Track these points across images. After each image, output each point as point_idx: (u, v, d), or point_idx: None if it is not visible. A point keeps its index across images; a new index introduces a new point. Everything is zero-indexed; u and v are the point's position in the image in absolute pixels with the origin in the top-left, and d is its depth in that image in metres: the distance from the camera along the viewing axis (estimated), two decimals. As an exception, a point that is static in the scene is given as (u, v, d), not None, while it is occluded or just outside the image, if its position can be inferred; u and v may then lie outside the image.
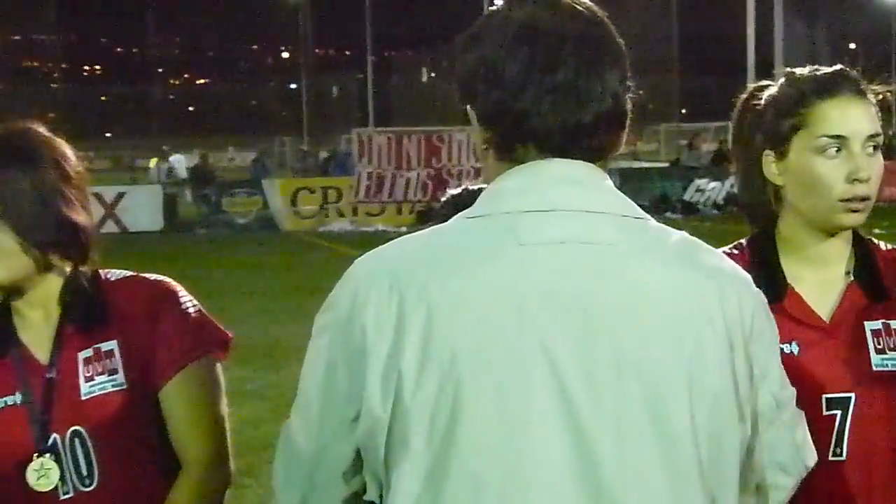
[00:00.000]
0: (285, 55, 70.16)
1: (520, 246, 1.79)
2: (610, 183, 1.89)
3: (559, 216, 1.81)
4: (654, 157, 53.06)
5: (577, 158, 1.86)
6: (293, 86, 64.23)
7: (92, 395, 2.57)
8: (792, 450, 2.01)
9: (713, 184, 30.25)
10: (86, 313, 2.61)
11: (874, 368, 2.52)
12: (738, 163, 2.78)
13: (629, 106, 1.92)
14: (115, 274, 2.71)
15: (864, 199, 2.52)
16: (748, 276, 1.94)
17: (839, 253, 2.62)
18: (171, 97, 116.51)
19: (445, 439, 1.74)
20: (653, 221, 1.89)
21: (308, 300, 2.53)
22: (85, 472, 2.56)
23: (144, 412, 2.61)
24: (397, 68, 65.75)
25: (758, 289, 1.95)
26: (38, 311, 2.62)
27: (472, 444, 1.73)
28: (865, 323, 2.56)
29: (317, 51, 63.10)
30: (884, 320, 2.56)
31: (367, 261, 1.87)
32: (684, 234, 1.90)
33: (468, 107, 1.92)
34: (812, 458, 2.07)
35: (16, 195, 2.51)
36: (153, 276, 2.74)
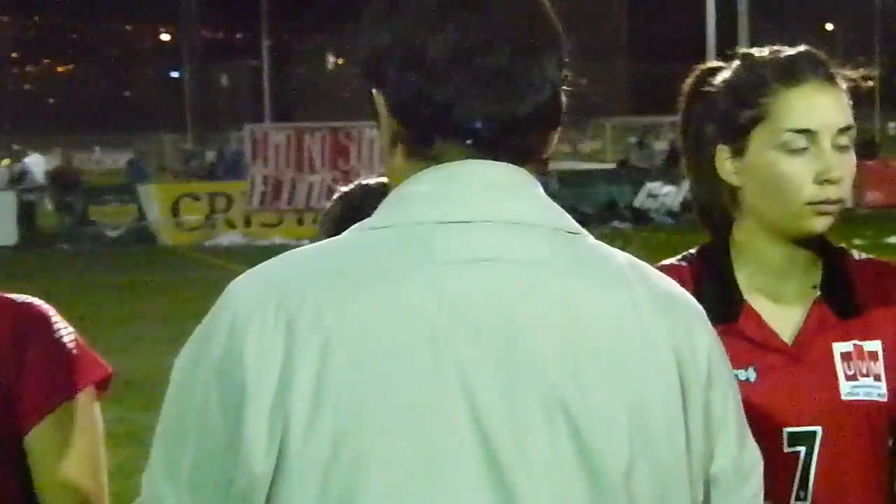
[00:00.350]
0: (165, 37, 69.66)
1: (433, 264, 1.71)
2: (541, 191, 1.83)
3: (481, 229, 1.74)
4: (600, 157, 53.52)
5: (503, 160, 1.79)
6: (175, 74, 63.93)
7: None
8: None
9: (667, 188, 30.54)
10: None
11: (844, 398, 2.52)
12: (688, 159, 2.79)
13: (565, 99, 1.86)
14: None
15: (835, 201, 2.52)
16: (702, 310, 1.88)
17: (805, 264, 2.62)
18: (26, 87, 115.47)
19: (343, 502, 1.64)
20: (590, 238, 1.83)
21: (192, 327, 2.51)
22: None
23: (4, 462, 2.56)
24: (298, 54, 65.57)
25: (708, 310, 1.90)
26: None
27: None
28: (834, 345, 2.56)
29: (203, 32, 62.82)
30: (855, 342, 2.56)
31: (247, 281, 1.76)
32: (628, 255, 1.85)
33: (374, 91, 1.84)
34: None
35: None
36: (19, 298, 2.69)
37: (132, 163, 36.61)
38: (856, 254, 2.69)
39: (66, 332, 2.65)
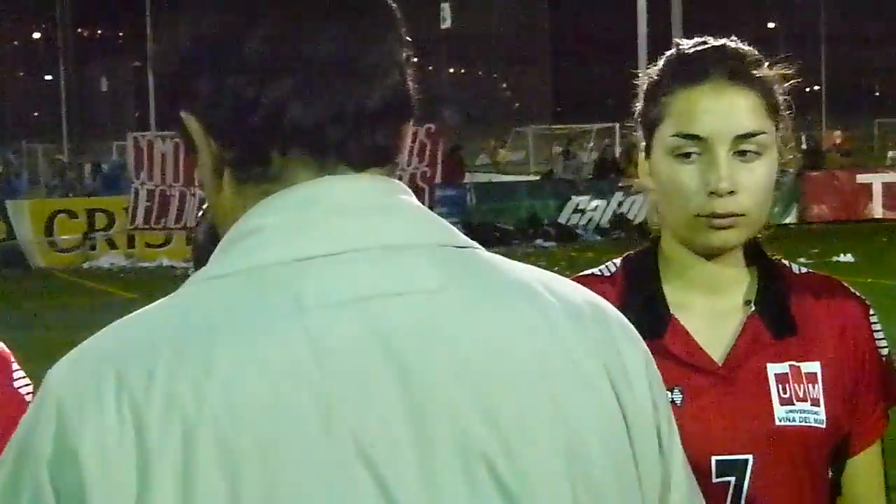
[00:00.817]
0: (36, 35, 69.25)
1: (301, 313, 1.52)
2: (415, 200, 1.66)
3: (353, 261, 1.55)
4: (521, 169, 53.65)
5: (361, 167, 1.61)
6: (48, 77, 63.56)
7: None
8: None
9: (596, 202, 30.69)
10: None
11: (777, 423, 2.52)
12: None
13: (413, 92, 1.69)
14: None
15: (727, 215, 2.52)
16: (629, 323, 1.76)
17: (735, 277, 2.64)
18: None
19: None
20: (484, 252, 1.67)
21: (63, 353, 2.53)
22: None
23: None
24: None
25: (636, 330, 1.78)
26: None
27: None
28: (768, 366, 2.56)
29: (80, 30, 62.51)
30: (792, 362, 2.56)
31: (73, 362, 1.52)
32: (532, 268, 1.71)
33: (182, 113, 1.64)
34: None
35: None
36: None
37: (0, 176, 36.29)
38: (795, 267, 2.69)
39: (21, 379, 2.71)
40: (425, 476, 1.50)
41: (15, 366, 2.75)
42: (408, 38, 1.68)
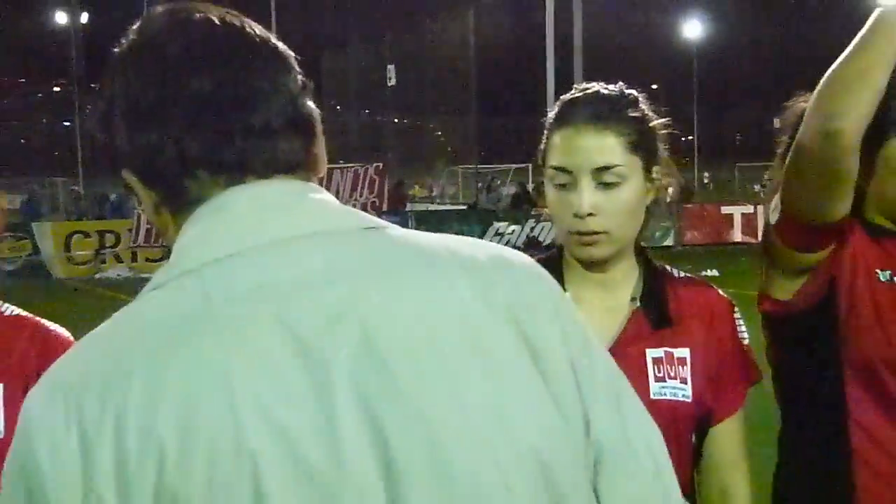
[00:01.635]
0: (56, 89, 68.69)
1: (212, 310, 1.46)
2: (326, 195, 1.60)
3: (256, 256, 1.50)
4: (453, 200, 53.72)
5: (266, 175, 1.57)
6: (66, 123, 62.97)
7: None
8: None
9: (513, 227, 30.67)
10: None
11: (652, 397, 2.52)
12: None
13: (315, 112, 1.65)
14: (10, 310, 2.72)
15: (591, 233, 2.54)
16: (538, 266, 1.68)
17: (624, 278, 2.65)
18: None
19: None
20: (395, 229, 1.60)
21: None
22: None
23: None
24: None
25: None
26: None
27: None
28: (647, 350, 2.57)
29: (92, 85, 62.09)
30: (666, 348, 2.58)
31: (38, 390, 1.50)
32: (444, 236, 1.63)
33: (123, 172, 1.63)
34: None
35: None
36: (51, 325, 2.76)
37: (26, 203, 35.88)
38: (675, 272, 2.72)
39: None
40: (332, 447, 1.41)
41: None
42: (300, 70, 1.64)
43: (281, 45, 1.64)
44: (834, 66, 2.53)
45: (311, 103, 1.65)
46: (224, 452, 1.39)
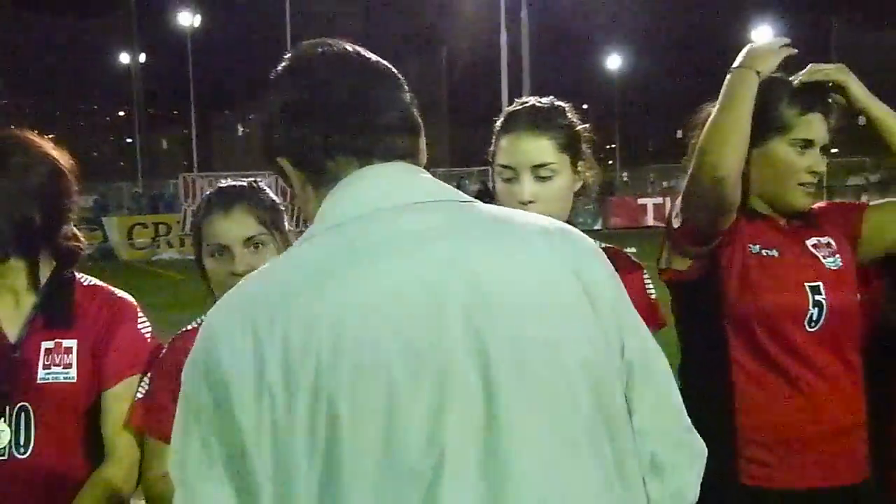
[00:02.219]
0: (121, 113, 68.31)
1: (355, 253, 1.53)
2: (428, 176, 1.67)
3: (385, 214, 1.57)
4: (429, 196, 53.50)
5: (387, 160, 1.64)
6: (129, 140, 62.62)
7: (46, 381, 2.46)
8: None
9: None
10: (56, 310, 2.52)
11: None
12: None
13: (419, 118, 1.72)
14: (88, 280, 2.63)
15: None
16: (590, 241, 1.72)
17: None
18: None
19: (329, 452, 1.43)
20: (480, 203, 1.67)
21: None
22: (22, 442, 2.43)
23: (86, 406, 2.52)
24: (216, 125, 64.90)
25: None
26: (12, 294, 2.51)
27: (355, 448, 1.43)
28: None
29: (148, 110, 61.72)
30: None
31: (218, 307, 1.57)
32: (516, 210, 1.71)
33: (278, 159, 1.69)
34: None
35: None
36: (118, 292, 2.65)
37: (97, 202, 35.72)
38: (601, 244, 2.70)
39: (145, 326, 2.63)
40: (485, 386, 1.47)
41: (140, 314, 2.65)
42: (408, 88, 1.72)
43: (393, 69, 1.73)
44: (710, 121, 2.58)
45: (416, 111, 1.72)
46: (365, 361, 1.45)
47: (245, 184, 2.62)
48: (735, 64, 2.64)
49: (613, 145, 74.20)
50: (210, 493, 1.50)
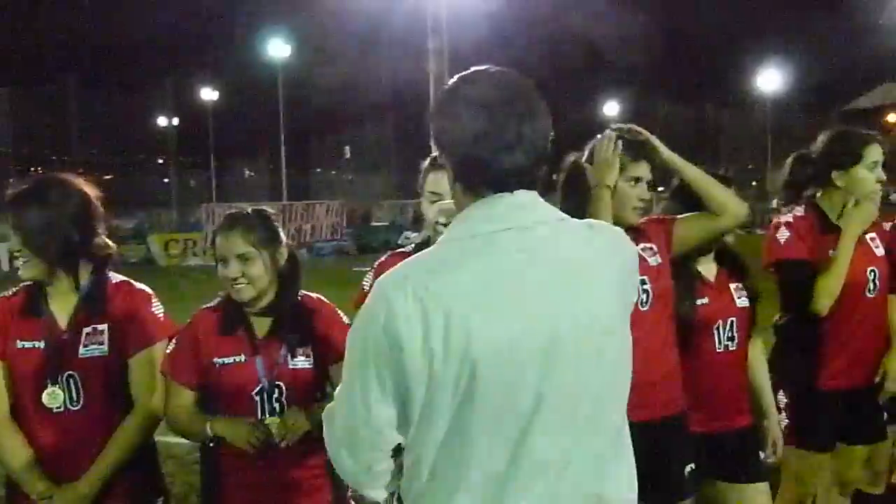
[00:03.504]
0: (160, 161, 67.06)
1: (494, 254, 1.48)
2: (542, 201, 1.59)
3: (516, 232, 1.51)
4: (394, 223, 53.28)
5: (520, 188, 1.55)
6: (166, 180, 61.58)
7: (85, 355, 2.50)
8: None
9: (414, 234, 30.52)
10: (91, 304, 2.53)
11: None
12: None
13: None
14: (116, 278, 2.63)
15: (444, 226, 2.53)
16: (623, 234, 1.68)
17: None
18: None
19: (467, 391, 1.43)
20: (570, 219, 1.60)
21: (187, 304, 2.63)
22: (74, 399, 2.50)
23: (117, 371, 2.55)
24: (231, 168, 64.22)
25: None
26: (62, 294, 2.54)
27: (486, 386, 1.43)
28: None
29: (181, 158, 60.82)
30: None
31: (391, 278, 1.50)
32: (587, 221, 1.65)
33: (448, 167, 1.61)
34: None
35: (32, 227, 2.44)
36: (138, 285, 2.66)
37: (142, 223, 35.14)
38: None
39: (158, 307, 2.64)
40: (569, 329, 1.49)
41: (154, 300, 2.65)
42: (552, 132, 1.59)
43: (542, 102, 1.58)
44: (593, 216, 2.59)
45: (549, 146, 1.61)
46: (502, 341, 1.43)
47: (245, 212, 2.60)
48: (594, 182, 2.72)
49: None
50: (382, 411, 1.49)
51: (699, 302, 2.91)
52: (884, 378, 3.26)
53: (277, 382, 2.49)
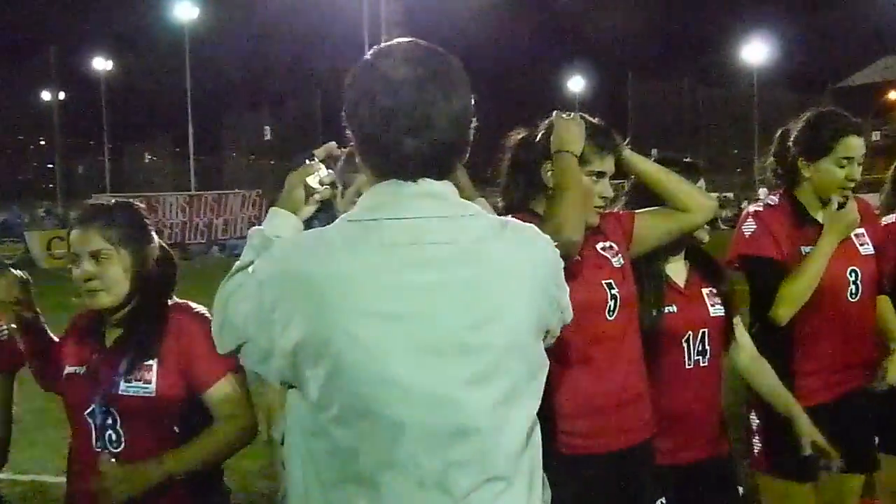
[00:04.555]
0: (42, 142, 65.46)
1: (382, 246, 1.55)
2: (453, 191, 1.65)
3: (414, 222, 1.57)
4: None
5: (429, 176, 1.60)
6: (50, 165, 60.15)
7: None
8: None
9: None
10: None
11: None
12: None
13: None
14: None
15: None
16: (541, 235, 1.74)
17: None
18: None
19: (336, 359, 1.51)
20: (480, 215, 1.66)
21: (62, 315, 2.57)
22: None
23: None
24: (127, 153, 63.00)
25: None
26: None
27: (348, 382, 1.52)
28: None
29: (67, 140, 59.45)
30: None
31: (265, 257, 1.63)
32: (493, 217, 1.71)
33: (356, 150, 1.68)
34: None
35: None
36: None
37: (21, 218, 34.35)
38: None
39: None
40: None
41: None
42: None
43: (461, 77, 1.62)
44: (558, 201, 2.51)
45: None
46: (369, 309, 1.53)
47: (107, 203, 2.54)
48: (555, 148, 2.59)
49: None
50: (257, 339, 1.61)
51: (666, 310, 2.86)
52: (881, 378, 3.23)
53: (110, 408, 2.39)
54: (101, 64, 54.66)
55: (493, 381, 1.56)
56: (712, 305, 2.95)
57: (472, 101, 1.63)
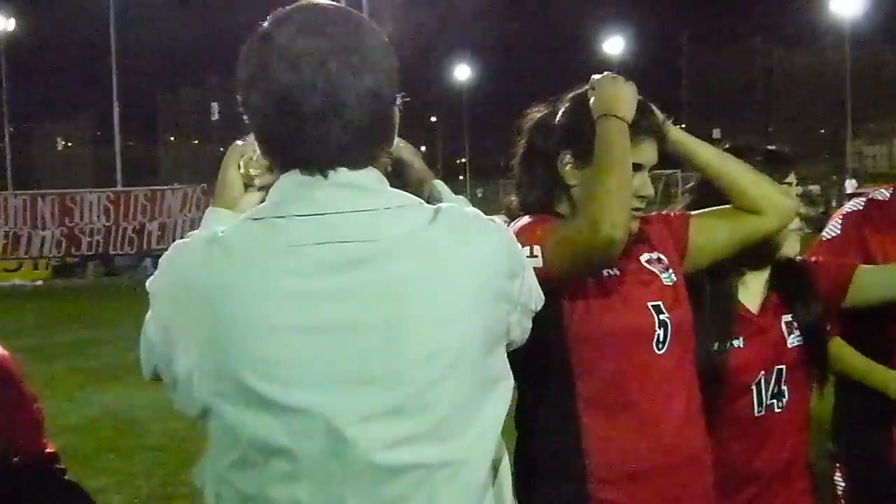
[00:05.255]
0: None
1: (288, 247, 1.62)
2: (380, 183, 1.71)
3: (325, 219, 1.63)
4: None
5: (345, 167, 1.67)
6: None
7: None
8: None
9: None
10: None
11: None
12: None
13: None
14: None
15: None
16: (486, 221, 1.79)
17: None
18: None
19: (234, 385, 1.59)
20: (423, 207, 1.71)
21: None
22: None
23: None
24: (35, 138, 63.03)
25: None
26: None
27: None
28: None
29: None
30: None
31: (161, 265, 1.71)
32: (435, 207, 1.73)
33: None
34: None
35: None
36: None
37: None
38: None
39: None
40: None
41: None
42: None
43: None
44: (597, 184, 2.39)
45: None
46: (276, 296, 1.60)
47: None
48: (599, 112, 2.49)
49: (463, 159, 75.02)
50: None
51: (731, 344, 2.85)
52: None
53: None
54: (1, 22, 54.00)
55: (404, 417, 1.60)
56: (790, 335, 2.93)
57: (395, 73, 1.67)
